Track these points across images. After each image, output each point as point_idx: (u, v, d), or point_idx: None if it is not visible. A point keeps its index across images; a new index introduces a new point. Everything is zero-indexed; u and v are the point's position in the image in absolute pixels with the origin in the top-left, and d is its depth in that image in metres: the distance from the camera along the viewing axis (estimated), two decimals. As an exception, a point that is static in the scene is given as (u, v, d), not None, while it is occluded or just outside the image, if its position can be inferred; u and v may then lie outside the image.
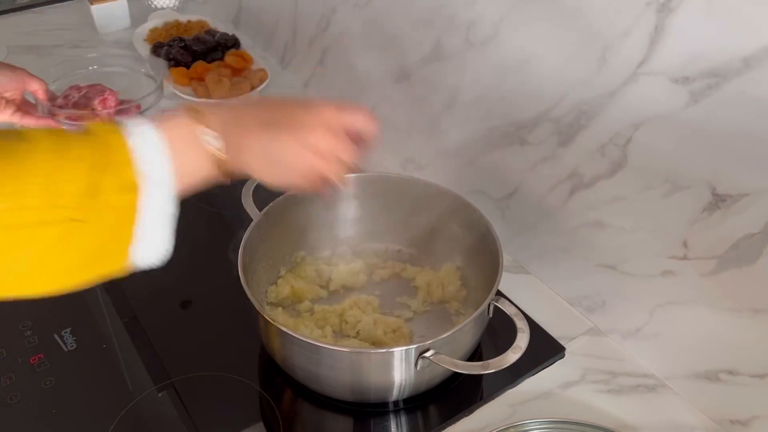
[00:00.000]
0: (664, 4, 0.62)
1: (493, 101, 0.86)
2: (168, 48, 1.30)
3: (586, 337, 0.82)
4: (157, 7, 1.48)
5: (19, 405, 0.73)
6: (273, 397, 0.75)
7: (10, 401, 0.73)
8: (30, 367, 0.76)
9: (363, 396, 0.73)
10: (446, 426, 0.73)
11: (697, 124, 0.63)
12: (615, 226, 0.76)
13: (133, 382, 0.76)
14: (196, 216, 0.81)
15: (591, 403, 0.74)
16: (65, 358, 0.77)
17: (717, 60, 0.60)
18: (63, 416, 0.72)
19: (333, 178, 0.61)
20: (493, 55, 0.83)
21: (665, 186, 0.69)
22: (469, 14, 0.84)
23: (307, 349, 0.67)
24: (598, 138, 0.74)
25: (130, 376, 0.77)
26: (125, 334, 0.81)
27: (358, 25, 1.06)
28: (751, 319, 0.65)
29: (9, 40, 1.33)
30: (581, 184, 0.78)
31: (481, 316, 0.69)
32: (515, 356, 0.65)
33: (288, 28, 1.27)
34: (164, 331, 0.81)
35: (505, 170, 0.88)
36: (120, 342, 0.80)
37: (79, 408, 0.73)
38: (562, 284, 0.87)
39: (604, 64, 0.70)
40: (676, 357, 0.75)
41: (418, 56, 0.95)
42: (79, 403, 0.74)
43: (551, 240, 0.86)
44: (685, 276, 0.70)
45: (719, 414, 0.72)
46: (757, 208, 0.62)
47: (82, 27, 1.43)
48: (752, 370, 0.67)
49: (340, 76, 1.17)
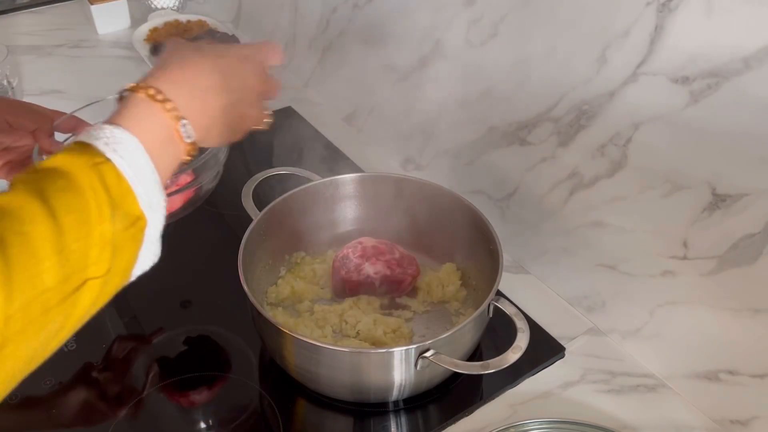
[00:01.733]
0: (664, 4, 0.62)
1: (493, 101, 0.86)
2: (168, 48, 1.30)
3: (586, 337, 0.82)
4: (157, 7, 1.48)
5: (19, 405, 0.73)
6: (273, 397, 0.75)
7: (10, 401, 0.73)
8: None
9: (363, 396, 0.73)
10: (446, 426, 0.73)
11: (697, 124, 0.63)
12: (615, 226, 0.76)
13: (133, 382, 0.76)
14: (196, 216, 0.81)
15: (591, 403, 0.74)
16: (65, 358, 0.77)
17: (717, 60, 0.60)
18: (63, 416, 0.72)
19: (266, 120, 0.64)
20: (493, 55, 0.83)
21: (665, 186, 0.69)
22: (469, 14, 0.84)
23: (307, 349, 0.67)
24: (598, 138, 0.74)
25: (130, 376, 0.77)
26: (125, 334, 0.81)
27: (358, 25, 1.06)
28: (751, 319, 0.65)
29: (9, 40, 1.33)
30: (581, 184, 0.78)
31: (481, 316, 0.69)
32: (515, 356, 0.65)
33: (288, 28, 1.27)
34: (164, 331, 0.81)
35: (505, 170, 0.88)
36: (120, 342, 0.80)
37: (80, 408, 0.73)
38: (562, 284, 0.87)
39: (604, 64, 0.70)
40: (676, 357, 0.75)
41: (418, 56, 0.95)
42: (79, 403, 0.74)
43: (551, 240, 0.86)
44: (685, 276, 0.70)
45: (719, 414, 0.72)
46: (757, 208, 0.62)
47: (82, 27, 1.43)
48: (752, 370, 0.67)
49: (340, 76, 1.17)
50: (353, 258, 0.82)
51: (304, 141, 1.12)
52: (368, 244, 0.83)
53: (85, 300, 0.45)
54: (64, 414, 0.72)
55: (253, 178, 0.87)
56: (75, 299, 0.44)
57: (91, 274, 0.45)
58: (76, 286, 0.44)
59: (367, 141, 1.14)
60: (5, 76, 1.16)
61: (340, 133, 1.15)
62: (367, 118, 1.13)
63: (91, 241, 0.45)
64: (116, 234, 0.46)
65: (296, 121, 1.18)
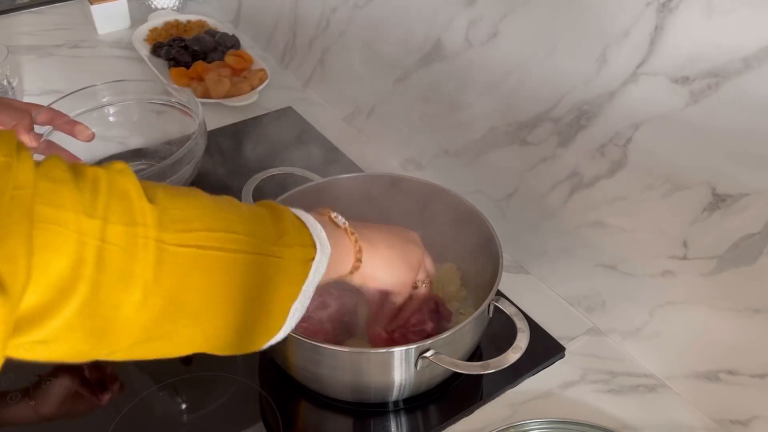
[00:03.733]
0: (664, 4, 0.62)
1: (493, 101, 0.86)
2: (168, 48, 1.30)
3: (586, 337, 0.82)
4: (157, 7, 1.48)
5: (20, 405, 0.73)
6: (273, 397, 0.75)
7: (11, 401, 0.73)
8: (30, 368, 0.76)
9: (363, 396, 0.73)
10: (446, 426, 0.73)
11: (697, 124, 0.63)
12: (615, 226, 0.76)
13: (133, 382, 0.76)
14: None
15: (591, 403, 0.74)
16: (65, 358, 0.77)
17: (717, 60, 0.60)
18: (63, 416, 0.72)
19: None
20: (493, 55, 0.83)
21: (665, 186, 0.69)
22: (469, 14, 0.84)
23: (307, 349, 0.67)
24: (598, 138, 0.74)
25: (130, 376, 0.77)
26: (125, 334, 0.81)
27: (358, 25, 1.07)
28: (751, 319, 0.65)
29: (9, 40, 1.33)
30: (581, 184, 0.78)
31: (481, 316, 0.69)
32: (515, 356, 0.65)
33: (288, 28, 1.27)
34: (164, 331, 0.81)
35: (505, 170, 0.88)
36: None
37: (80, 408, 0.73)
38: (562, 284, 0.87)
39: (604, 64, 0.70)
40: (676, 357, 0.75)
41: (418, 56, 0.95)
42: (78, 403, 0.74)
43: (551, 240, 0.86)
44: (685, 276, 0.70)
45: (719, 414, 0.72)
46: (757, 208, 0.62)
47: (82, 27, 1.43)
48: (752, 370, 0.67)
49: (340, 76, 1.17)
50: None
51: (304, 141, 1.12)
52: None
53: (257, 271, 0.50)
54: (63, 414, 0.72)
55: (253, 178, 0.87)
56: (253, 260, 0.50)
57: (270, 250, 0.51)
58: (264, 251, 0.51)
59: (367, 141, 1.14)
60: (5, 76, 1.16)
61: (340, 133, 1.15)
62: (367, 118, 1.13)
63: (273, 228, 0.53)
64: (291, 239, 0.53)
65: (296, 121, 1.18)
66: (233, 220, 0.49)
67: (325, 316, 0.73)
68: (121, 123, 1.05)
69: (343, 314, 0.75)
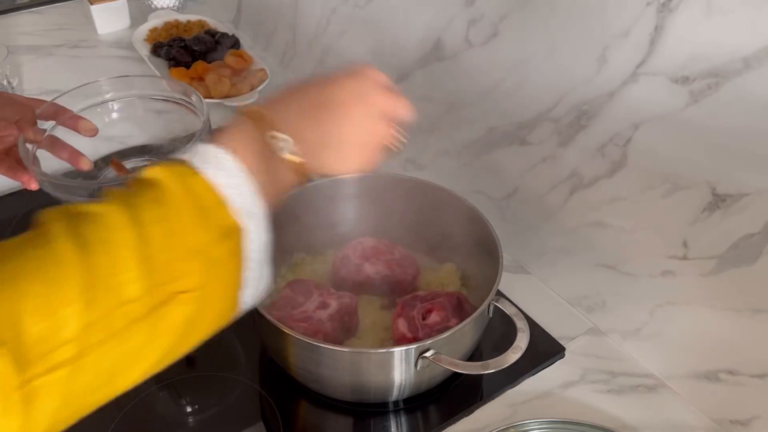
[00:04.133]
0: (664, 4, 0.62)
1: (493, 101, 0.86)
2: (168, 48, 1.30)
3: (586, 337, 0.82)
4: (157, 7, 1.48)
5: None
6: (273, 397, 0.75)
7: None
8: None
9: (363, 396, 0.73)
10: (446, 426, 0.73)
11: (697, 124, 0.63)
12: (615, 226, 0.76)
13: (133, 382, 0.76)
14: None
15: (591, 403, 0.74)
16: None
17: (717, 60, 0.60)
18: (63, 416, 0.72)
19: (396, 139, 0.57)
20: (493, 55, 0.83)
21: (665, 186, 0.69)
22: (469, 14, 0.84)
23: (307, 349, 0.67)
24: (598, 138, 0.74)
25: (130, 376, 0.77)
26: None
27: (358, 25, 1.07)
28: (751, 319, 0.65)
29: (9, 40, 1.33)
30: (581, 184, 0.78)
31: (481, 316, 0.69)
32: (515, 356, 0.65)
33: (288, 28, 1.27)
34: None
35: (505, 170, 0.88)
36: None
37: (79, 408, 0.73)
38: (562, 284, 0.87)
39: (604, 64, 0.70)
40: (676, 357, 0.75)
41: (418, 56, 0.95)
42: (79, 403, 0.74)
43: (551, 240, 0.86)
44: (685, 276, 0.70)
45: (719, 414, 0.72)
46: (757, 208, 0.62)
47: (82, 27, 1.43)
48: (752, 370, 0.67)
49: (340, 76, 1.17)
50: (353, 258, 0.82)
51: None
52: (368, 244, 0.83)
53: (175, 316, 0.43)
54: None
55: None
56: (163, 314, 0.42)
57: (180, 287, 0.42)
58: (163, 300, 0.42)
59: (367, 141, 1.14)
60: (5, 76, 1.16)
61: (340, 133, 1.15)
62: (367, 118, 1.13)
63: (177, 252, 0.43)
64: (207, 245, 0.44)
65: (296, 121, 1.18)
66: (116, 281, 0.40)
67: (325, 316, 0.73)
68: (125, 119, 1.05)
69: (343, 314, 0.75)
